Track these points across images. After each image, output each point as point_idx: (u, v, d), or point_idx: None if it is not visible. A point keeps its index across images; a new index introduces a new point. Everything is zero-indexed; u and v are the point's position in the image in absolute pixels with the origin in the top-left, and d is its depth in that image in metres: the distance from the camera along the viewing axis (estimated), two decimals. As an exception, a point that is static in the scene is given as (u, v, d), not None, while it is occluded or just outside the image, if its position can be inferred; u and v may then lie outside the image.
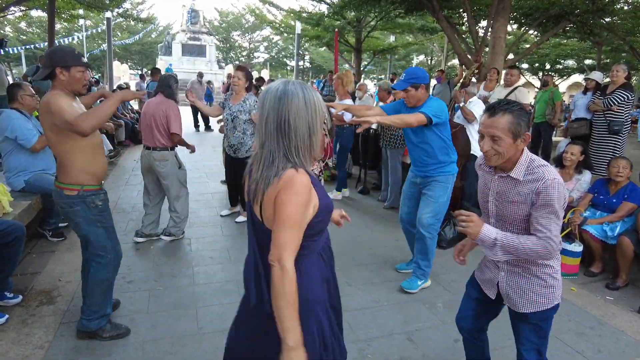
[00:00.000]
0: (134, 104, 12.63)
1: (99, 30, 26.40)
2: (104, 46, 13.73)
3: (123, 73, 27.19)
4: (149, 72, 13.35)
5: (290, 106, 1.30)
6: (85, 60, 2.45)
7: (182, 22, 28.27)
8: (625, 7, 10.38)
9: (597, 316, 3.18)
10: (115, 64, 24.00)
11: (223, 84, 14.98)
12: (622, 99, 4.99)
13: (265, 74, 30.51)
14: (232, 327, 1.61)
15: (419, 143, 3.27)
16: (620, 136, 5.12)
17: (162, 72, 7.96)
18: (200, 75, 14.26)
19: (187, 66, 25.75)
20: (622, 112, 5.10)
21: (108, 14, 13.84)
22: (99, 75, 27.64)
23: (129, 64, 35.83)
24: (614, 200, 3.88)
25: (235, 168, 4.63)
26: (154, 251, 3.97)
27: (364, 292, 3.36)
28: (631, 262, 3.62)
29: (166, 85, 4.02)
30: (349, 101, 5.69)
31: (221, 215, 5.03)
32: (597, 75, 6.46)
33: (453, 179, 3.36)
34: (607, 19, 10.60)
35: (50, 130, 2.34)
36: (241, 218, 4.86)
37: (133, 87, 13.68)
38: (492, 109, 1.66)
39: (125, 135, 9.58)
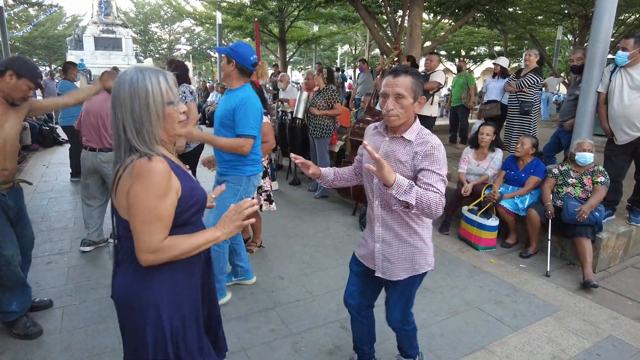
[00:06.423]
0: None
1: None
2: (-1, 40, 12.20)
3: (26, 70, 24.55)
4: (60, 68, 11.92)
5: (119, 97, 1.31)
6: (40, 82, 2.52)
7: (93, 13, 26.06)
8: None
9: (512, 284, 3.44)
10: (16, 59, 21.62)
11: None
12: (532, 82, 5.37)
13: (189, 66, 29.23)
14: None
15: None
16: (531, 116, 5.50)
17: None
18: (115, 69, 13.29)
19: (101, 61, 23.82)
20: (532, 94, 5.47)
21: None
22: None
23: (35, 59, 32.46)
24: (523, 175, 4.20)
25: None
26: (68, 262, 3.64)
27: (296, 285, 3.34)
28: (539, 231, 3.96)
29: None
30: None
31: None
32: (502, 61, 6.97)
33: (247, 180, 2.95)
34: (510, 9, 11.45)
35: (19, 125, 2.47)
36: None
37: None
38: (395, 71, 1.79)
39: (32, 139, 8.68)
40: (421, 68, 6.90)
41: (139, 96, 1.30)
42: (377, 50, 18.71)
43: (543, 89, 15.97)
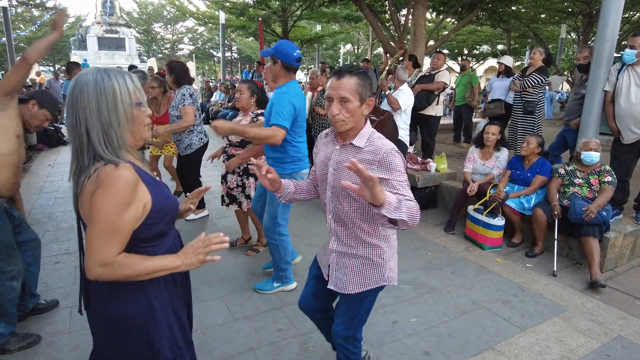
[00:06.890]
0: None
1: None
2: (4, 39, 12.22)
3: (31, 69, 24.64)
4: (64, 68, 11.85)
5: (81, 99, 1.21)
6: (57, 115, 2.68)
7: (96, 13, 26.21)
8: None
9: (519, 283, 3.42)
10: (20, 60, 21.73)
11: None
12: (536, 82, 5.28)
13: (192, 66, 29.31)
14: None
15: None
16: (535, 116, 5.42)
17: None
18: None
19: (105, 61, 23.99)
20: (536, 94, 5.35)
21: (4, 3, 12.38)
22: (1, 72, 24.82)
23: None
24: (529, 175, 4.19)
25: (179, 166, 4.51)
26: (75, 262, 3.65)
27: (303, 284, 3.31)
28: (545, 230, 3.94)
29: None
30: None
31: (186, 220, 4.73)
32: (507, 60, 6.94)
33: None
34: (513, 7, 11.42)
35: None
36: (191, 216, 4.76)
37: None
38: (339, 72, 1.65)
39: (37, 139, 8.71)
40: (426, 67, 6.88)
41: (106, 97, 1.21)
42: (380, 50, 18.70)
43: (547, 87, 16.00)
